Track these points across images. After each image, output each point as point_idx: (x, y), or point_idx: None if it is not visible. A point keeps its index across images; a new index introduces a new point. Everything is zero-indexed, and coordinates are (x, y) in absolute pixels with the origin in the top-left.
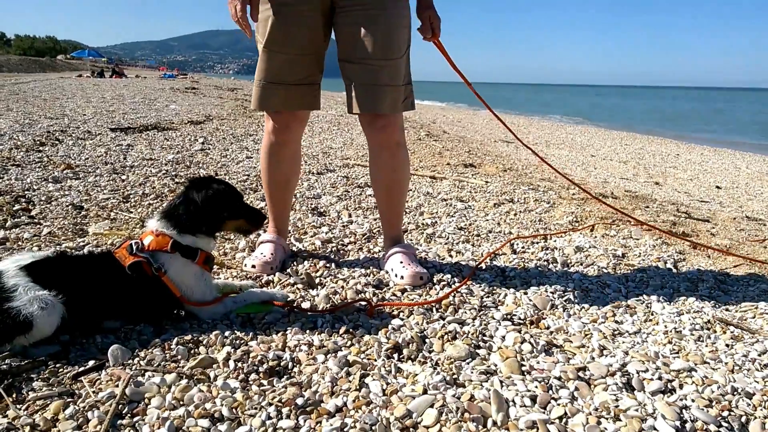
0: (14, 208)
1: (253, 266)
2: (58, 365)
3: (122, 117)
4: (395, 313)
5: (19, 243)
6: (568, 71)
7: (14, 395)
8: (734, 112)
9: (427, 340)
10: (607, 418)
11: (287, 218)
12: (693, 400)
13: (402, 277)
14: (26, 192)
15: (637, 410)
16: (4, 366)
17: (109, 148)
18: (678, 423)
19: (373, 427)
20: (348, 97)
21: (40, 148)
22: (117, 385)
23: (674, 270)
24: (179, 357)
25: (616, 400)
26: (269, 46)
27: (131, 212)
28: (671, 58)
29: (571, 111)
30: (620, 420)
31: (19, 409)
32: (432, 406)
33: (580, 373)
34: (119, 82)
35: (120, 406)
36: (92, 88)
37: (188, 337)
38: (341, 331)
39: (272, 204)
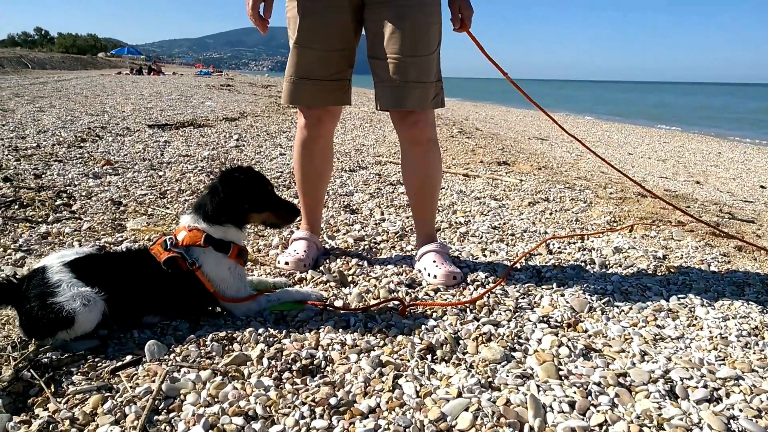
0: (56, 203)
1: (287, 263)
2: (96, 359)
3: (159, 114)
4: (428, 313)
5: (61, 237)
6: (588, 67)
7: (54, 388)
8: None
9: (461, 342)
10: (649, 427)
11: (320, 215)
12: (741, 410)
13: (435, 277)
14: (67, 187)
15: (681, 419)
16: (45, 359)
17: (146, 145)
18: None
19: (407, 430)
20: (376, 94)
21: (81, 144)
22: (153, 381)
23: (719, 273)
24: (214, 353)
25: (659, 408)
26: (299, 42)
27: (168, 208)
28: (697, 54)
29: (603, 108)
30: (663, 429)
31: (59, 403)
32: (467, 409)
33: (621, 379)
34: (157, 79)
35: (156, 401)
36: (131, 85)
37: (223, 334)
38: (374, 330)
39: (305, 200)
